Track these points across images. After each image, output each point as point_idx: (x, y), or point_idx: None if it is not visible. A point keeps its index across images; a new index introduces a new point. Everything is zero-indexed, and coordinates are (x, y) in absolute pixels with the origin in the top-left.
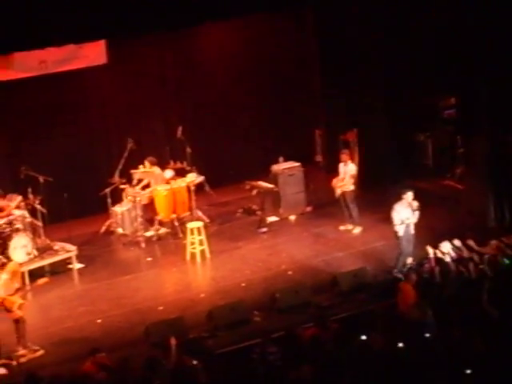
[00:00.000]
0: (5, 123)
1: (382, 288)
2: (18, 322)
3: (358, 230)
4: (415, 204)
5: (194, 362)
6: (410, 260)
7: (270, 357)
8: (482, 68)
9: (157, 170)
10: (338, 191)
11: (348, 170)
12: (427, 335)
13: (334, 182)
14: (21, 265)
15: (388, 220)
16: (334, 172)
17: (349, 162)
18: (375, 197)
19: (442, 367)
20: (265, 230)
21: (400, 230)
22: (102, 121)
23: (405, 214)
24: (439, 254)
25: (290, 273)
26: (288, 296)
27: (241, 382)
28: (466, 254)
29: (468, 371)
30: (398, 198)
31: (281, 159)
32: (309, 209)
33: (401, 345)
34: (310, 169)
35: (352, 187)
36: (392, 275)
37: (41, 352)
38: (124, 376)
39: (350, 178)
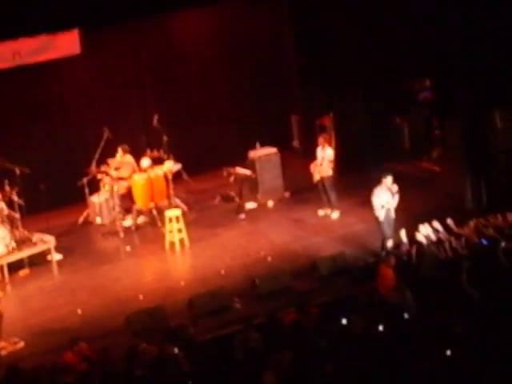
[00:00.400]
0: None
1: (362, 272)
2: None
3: (336, 214)
4: (395, 188)
5: (176, 351)
6: (389, 243)
7: (252, 343)
8: (457, 49)
9: (129, 157)
10: (317, 176)
11: (326, 154)
12: (406, 317)
13: (312, 166)
14: None
15: (366, 204)
16: (311, 157)
17: (326, 146)
18: (353, 181)
19: (421, 349)
20: (243, 216)
21: (381, 214)
22: (78, 110)
23: (384, 198)
24: (418, 237)
25: (269, 259)
26: (268, 282)
27: (223, 369)
28: (443, 235)
29: (448, 353)
30: (377, 182)
31: (258, 145)
32: (287, 194)
33: (381, 328)
34: (287, 154)
35: (330, 172)
36: (371, 259)
37: (21, 344)
38: (105, 366)
39: (328, 163)
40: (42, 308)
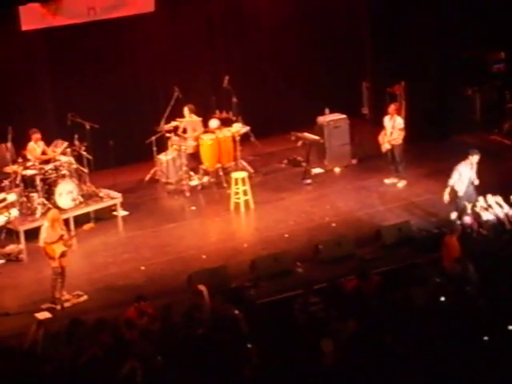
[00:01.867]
0: (52, 69)
1: (426, 242)
2: (56, 269)
3: (402, 183)
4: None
5: (236, 312)
6: (454, 215)
7: (312, 308)
8: None
9: (195, 117)
10: (386, 145)
11: (396, 123)
12: (468, 289)
13: (380, 136)
14: (66, 211)
15: (433, 174)
16: (381, 125)
17: (395, 115)
18: (421, 151)
19: (483, 323)
20: (309, 181)
21: (460, 188)
22: (149, 69)
23: (467, 174)
24: (481, 209)
25: (333, 225)
26: (331, 248)
27: (282, 333)
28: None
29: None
30: (447, 154)
31: (327, 111)
32: (354, 161)
33: (443, 299)
34: (356, 121)
35: (400, 141)
36: (436, 229)
37: (84, 297)
38: (166, 323)
39: (399, 131)
40: (105, 263)
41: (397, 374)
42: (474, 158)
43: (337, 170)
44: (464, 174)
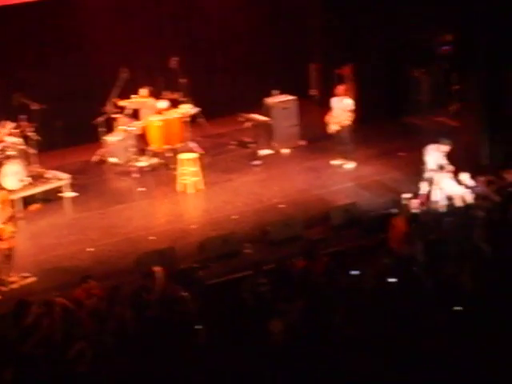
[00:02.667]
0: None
1: (374, 223)
2: (5, 250)
3: (350, 165)
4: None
5: (184, 293)
6: (405, 195)
7: (261, 288)
8: (479, 4)
9: (151, 100)
10: (334, 126)
11: (344, 105)
12: (415, 270)
13: (328, 117)
14: (13, 192)
15: (382, 155)
16: (328, 106)
17: (344, 96)
18: (369, 132)
19: (430, 303)
20: (258, 162)
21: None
22: (97, 49)
23: (433, 157)
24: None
25: (282, 206)
26: (279, 229)
27: (230, 313)
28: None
29: (457, 308)
30: (393, 133)
31: (275, 92)
32: (302, 142)
33: (391, 280)
34: (304, 102)
35: (349, 122)
36: (384, 211)
37: (32, 279)
38: (113, 304)
39: (347, 113)
40: (53, 244)
41: (346, 355)
42: (442, 148)
43: (285, 151)
44: (431, 157)
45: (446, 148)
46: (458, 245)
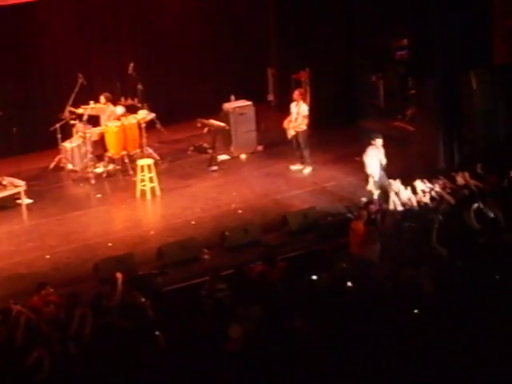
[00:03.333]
0: None
1: (332, 228)
2: None
3: (308, 170)
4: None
5: (142, 299)
6: (363, 199)
7: (219, 294)
8: (434, 9)
9: (110, 106)
10: (291, 132)
11: (300, 110)
12: (374, 274)
13: (286, 122)
14: None
15: (339, 160)
16: (286, 111)
17: (301, 101)
18: (326, 137)
19: (389, 306)
20: (215, 168)
21: (375, 174)
22: (53, 55)
23: (377, 157)
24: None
25: (239, 211)
26: (237, 234)
27: (189, 319)
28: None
29: (415, 311)
30: (349, 138)
31: (232, 97)
32: (260, 148)
33: (349, 284)
34: (262, 108)
35: (305, 127)
36: (342, 215)
37: None
38: (72, 311)
39: (303, 118)
40: (10, 252)
41: (305, 359)
42: (378, 142)
43: (243, 156)
44: (375, 158)
45: (380, 141)
46: (415, 248)
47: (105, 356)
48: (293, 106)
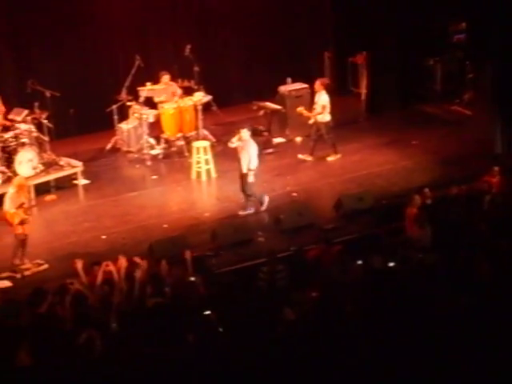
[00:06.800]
0: (13, 36)
1: (386, 211)
2: (19, 236)
3: (332, 158)
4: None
5: (193, 279)
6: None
7: (276, 276)
8: None
9: (174, 85)
10: (311, 120)
11: (320, 99)
12: (423, 257)
13: (305, 110)
14: (27, 179)
15: (393, 144)
16: (342, 95)
17: (322, 91)
18: (382, 120)
19: (442, 290)
20: (271, 150)
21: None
22: (110, 37)
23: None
24: None
25: (294, 194)
26: (292, 217)
27: (243, 301)
28: None
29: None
30: (405, 122)
31: (289, 80)
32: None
33: (400, 267)
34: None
35: (324, 118)
36: (396, 199)
37: (45, 266)
38: (129, 291)
39: (322, 108)
40: (66, 232)
41: (357, 344)
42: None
43: (298, 139)
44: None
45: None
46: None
47: (155, 337)
48: (317, 95)
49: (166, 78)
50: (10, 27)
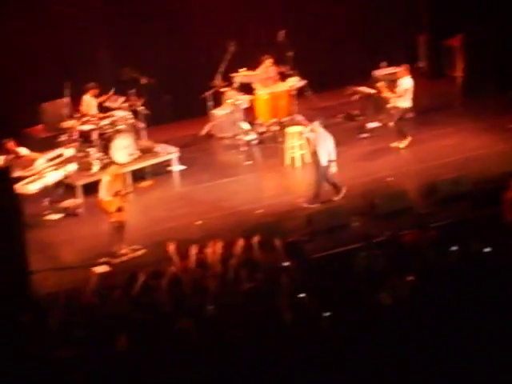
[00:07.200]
0: (109, 24)
1: (482, 196)
2: (116, 223)
3: (403, 144)
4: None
5: (286, 263)
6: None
7: (373, 260)
8: None
9: (274, 70)
10: (391, 104)
11: (401, 83)
12: None
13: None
14: (123, 166)
15: (490, 129)
16: (437, 78)
17: (405, 77)
18: (478, 105)
19: None
20: (365, 135)
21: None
22: (205, 23)
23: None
24: None
25: (389, 179)
26: (387, 202)
27: (339, 285)
28: None
29: None
30: (502, 106)
31: (383, 64)
32: (410, 115)
33: (488, 250)
34: (413, 74)
35: (402, 104)
36: (492, 184)
37: (142, 251)
38: (224, 275)
39: (403, 92)
40: (162, 217)
41: (457, 330)
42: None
43: (392, 123)
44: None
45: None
46: None
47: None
48: (400, 80)
49: (268, 62)
50: (105, 15)
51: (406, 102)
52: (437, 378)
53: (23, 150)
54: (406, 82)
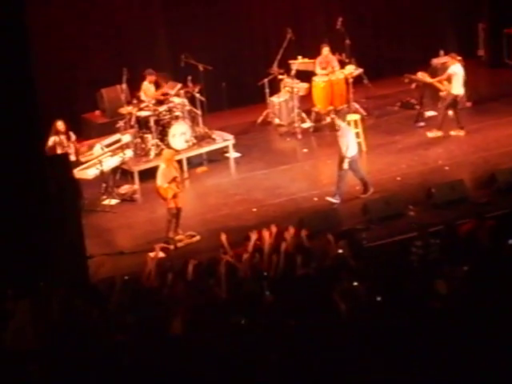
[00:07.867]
0: (167, 11)
1: None
2: (172, 210)
3: (437, 134)
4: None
5: (341, 251)
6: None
7: (428, 250)
8: None
9: (333, 58)
10: (444, 92)
11: (449, 71)
12: None
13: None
14: (179, 152)
15: None
16: (496, 67)
17: (453, 65)
18: None
19: None
20: (423, 124)
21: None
22: (262, 11)
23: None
24: None
25: (446, 168)
26: (444, 191)
27: (394, 274)
28: None
29: None
30: None
31: (441, 53)
32: (469, 104)
33: None
34: (472, 63)
35: (457, 91)
36: None
37: (197, 238)
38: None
39: (448, 77)
40: (218, 204)
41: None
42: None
43: (450, 112)
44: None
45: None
46: None
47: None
48: (450, 68)
49: (326, 50)
50: (162, 3)
51: (456, 89)
52: (492, 367)
53: (72, 135)
54: (452, 68)
